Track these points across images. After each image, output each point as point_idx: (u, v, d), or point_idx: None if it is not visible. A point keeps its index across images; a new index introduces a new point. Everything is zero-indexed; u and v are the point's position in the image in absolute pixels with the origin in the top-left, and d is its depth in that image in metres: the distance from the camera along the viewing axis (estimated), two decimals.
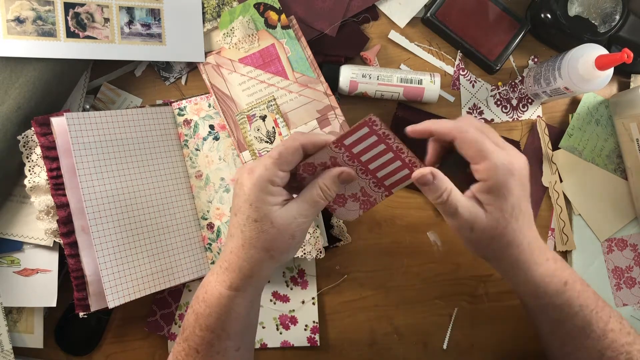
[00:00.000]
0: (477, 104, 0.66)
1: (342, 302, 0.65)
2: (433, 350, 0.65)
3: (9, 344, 0.59)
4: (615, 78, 0.67)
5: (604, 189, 0.66)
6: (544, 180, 0.66)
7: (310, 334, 0.64)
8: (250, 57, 0.61)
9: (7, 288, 0.58)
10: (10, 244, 0.59)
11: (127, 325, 0.64)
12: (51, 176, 0.54)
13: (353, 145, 0.44)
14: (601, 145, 0.66)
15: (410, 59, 0.66)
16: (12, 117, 0.54)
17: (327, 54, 0.64)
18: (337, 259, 0.65)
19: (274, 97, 0.61)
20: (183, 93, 0.64)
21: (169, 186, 0.61)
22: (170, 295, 0.64)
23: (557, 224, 0.66)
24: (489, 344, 0.66)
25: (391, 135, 0.43)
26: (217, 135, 0.62)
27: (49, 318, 0.62)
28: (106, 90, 0.63)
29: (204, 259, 0.62)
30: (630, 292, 0.66)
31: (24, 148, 0.56)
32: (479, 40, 0.65)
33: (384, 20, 0.66)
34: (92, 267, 0.55)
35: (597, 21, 0.62)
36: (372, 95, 0.62)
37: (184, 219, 0.61)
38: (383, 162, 0.46)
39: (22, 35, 0.55)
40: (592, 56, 0.56)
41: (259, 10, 0.61)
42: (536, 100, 0.67)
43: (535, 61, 0.67)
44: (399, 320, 0.66)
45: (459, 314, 0.66)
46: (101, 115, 0.57)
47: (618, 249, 0.66)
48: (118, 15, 0.59)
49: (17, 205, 0.59)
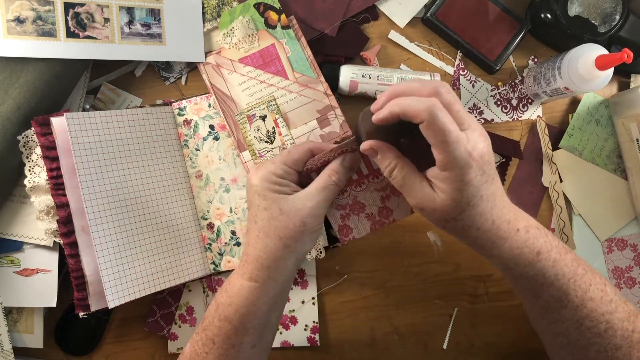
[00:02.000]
0: (477, 104, 0.66)
1: (342, 302, 0.65)
2: (433, 350, 0.65)
3: (9, 344, 0.59)
4: (615, 78, 0.67)
5: (604, 189, 0.66)
6: (544, 180, 0.66)
7: (310, 334, 0.64)
8: (250, 57, 0.61)
9: (7, 288, 0.58)
10: (10, 244, 0.59)
11: (127, 325, 0.64)
12: (51, 176, 0.54)
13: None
14: (601, 145, 0.66)
15: (410, 59, 0.66)
16: (12, 117, 0.54)
17: (327, 54, 0.64)
18: (337, 259, 0.65)
19: (274, 97, 0.61)
20: (183, 93, 0.64)
21: (169, 186, 0.61)
22: (170, 295, 0.64)
23: (557, 224, 0.66)
24: (489, 344, 0.66)
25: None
26: (217, 135, 0.62)
27: (49, 318, 0.62)
28: (106, 90, 0.63)
29: (204, 259, 0.62)
30: (630, 292, 0.66)
31: (24, 148, 0.56)
32: (479, 40, 0.65)
33: (384, 20, 0.66)
34: (92, 267, 0.55)
35: (597, 21, 0.62)
36: (372, 95, 0.62)
37: (184, 219, 0.61)
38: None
39: (22, 35, 0.55)
40: (592, 56, 0.56)
41: (259, 10, 0.61)
42: (536, 100, 0.67)
43: (535, 61, 0.67)
44: (399, 320, 0.66)
45: (459, 314, 0.66)
46: (101, 115, 0.57)
47: (618, 249, 0.66)
48: (118, 15, 0.59)
49: (17, 205, 0.59)
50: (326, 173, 0.47)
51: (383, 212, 0.50)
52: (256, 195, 0.46)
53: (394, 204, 0.49)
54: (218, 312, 0.47)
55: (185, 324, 0.63)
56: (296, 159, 0.48)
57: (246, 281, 0.46)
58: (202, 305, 0.64)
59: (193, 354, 0.48)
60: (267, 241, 0.46)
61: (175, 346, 0.63)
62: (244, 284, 0.46)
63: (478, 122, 0.41)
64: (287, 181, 0.47)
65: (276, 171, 0.47)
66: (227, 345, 0.46)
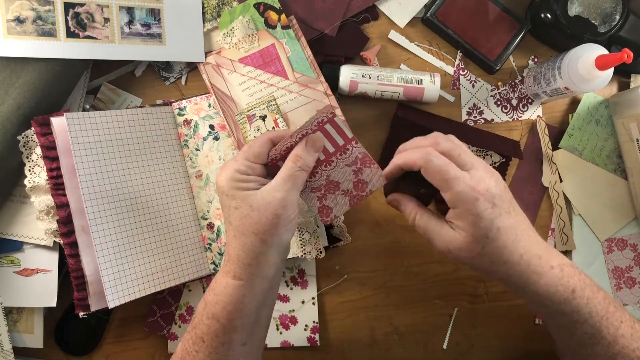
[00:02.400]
0: (477, 104, 0.66)
1: (342, 302, 0.65)
2: (433, 350, 0.65)
3: (9, 344, 0.59)
4: (615, 78, 0.67)
5: (604, 189, 0.66)
6: (544, 180, 0.66)
7: (310, 334, 0.64)
8: (250, 57, 0.61)
9: (7, 288, 0.58)
10: (10, 244, 0.59)
11: (127, 325, 0.64)
12: (51, 176, 0.54)
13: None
14: (601, 145, 0.66)
15: (410, 59, 0.66)
16: (12, 117, 0.54)
17: (327, 54, 0.64)
18: (337, 259, 0.65)
19: (274, 97, 0.61)
20: (183, 93, 0.64)
21: (169, 186, 0.61)
22: (170, 295, 0.64)
23: (557, 224, 0.66)
24: (489, 344, 0.66)
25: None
26: (217, 135, 0.62)
27: (49, 318, 0.62)
28: (106, 90, 0.63)
29: (204, 259, 0.62)
30: (630, 292, 0.66)
31: (24, 148, 0.56)
32: (479, 40, 0.65)
33: (384, 20, 0.66)
34: (92, 267, 0.55)
35: (597, 21, 0.62)
36: (372, 95, 0.62)
37: (184, 219, 0.61)
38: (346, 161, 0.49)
39: (22, 35, 0.55)
40: (592, 56, 0.56)
41: (259, 10, 0.61)
42: (536, 100, 0.67)
43: (535, 61, 0.67)
44: (399, 320, 0.65)
45: (459, 314, 0.66)
46: (101, 115, 0.57)
47: (618, 249, 0.66)
48: (118, 15, 0.59)
49: (17, 205, 0.59)
50: (290, 160, 0.46)
51: (358, 185, 0.49)
52: (224, 195, 0.46)
53: (367, 176, 0.49)
54: (206, 311, 0.47)
55: (185, 324, 0.63)
56: (257, 152, 0.47)
57: (230, 279, 0.46)
58: None
59: (184, 352, 0.48)
60: (244, 239, 0.45)
61: (175, 346, 0.63)
62: (229, 282, 0.46)
63: (484, 162, 0.45)
64: (253, 176, 0.47)
65: (239, 168, 0.46)
66: (217, 343, 0.46)
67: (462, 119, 0.66)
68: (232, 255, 0.47)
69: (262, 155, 0.47)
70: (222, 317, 0.46)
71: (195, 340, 0.47)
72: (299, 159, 0.46)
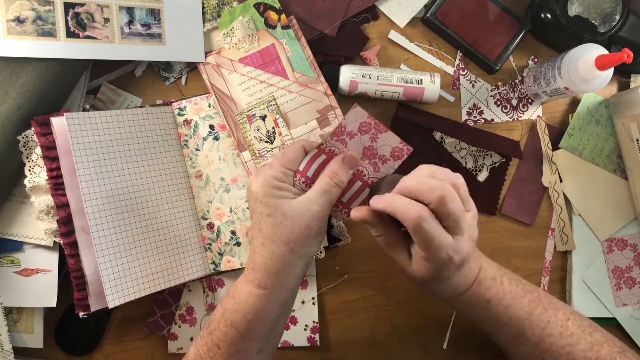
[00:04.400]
0: (477, 104, 0.66)
1: (342, 302, 0.65)
2: (433, 350, 0.65)
3: (9, 344, 0.59)
4: (615, 78, 0.67)
5: (604, 189, 0.66)
6: (544, 180, 0.66)
7: (310, 334, 0.64)
8: (250, 57, 0.61)
9: (7, 288, 0.58)
10: (10, 244, 0.59)
11: (127, 325, 0.64)
12: (51, 176, 0.54)
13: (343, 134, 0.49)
14: (601, 145, 0.66)
15: (410, 59, 0.66)
16: (12, 117, 0.54)
17: (327, 54, 0.64)
18: (337, 259, 0.65)
19: (274, 97, 0.61)
20: (183, 93, 0.64)
21: (169, 186, 0.61)
22: (170, 295, 0.64)
23: (557, 224, 0.66)
24: (489, 344, 0.66)
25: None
26: (217, 135, 0.62)
27: (49, 318, 0.62)
28: (106, 90, 0.63)
29: (204, 259, 0.62)
30: (631, 292, 0.66)
31: (24, 148, 0.56)
32: (479, 40, 0.65)
33: (384, 20, 0.66)
34: (92, 267, 0.55)
35: (597, 21, 0.62)
36: (372, 95, 0.62)
37: (184, 219, 0.61)
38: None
39: (22, 35, 0.55)
40: (592, 56, 0.56)
41: (259, 10, 0.61)
42: (536, 100, 0.67)
43: (535, 61, 0.67)
44: (399, 320, 0.65)
45: (459, 314, 0.66)
46: (101, 115, 0.57)
47: (618, 249, 0.66)
48: (118, 15, 0.59)
49: (17, 205, 0.59)
50: (327, 175, 0.47)
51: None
52: (258, 202, 0.46)
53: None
54: (224, 318, 0.47)
55: (185, 324, 0.63)
56: (292, 158, 0.47)
57: (254, 288, 0.46)
58: (202, 305, 0.64)
59: (197, 357, 0.48)
60: (273, 247, 0.45)
61: (175, 346, 0.63)
62: (252, 290, 0.46)
63: (473, 223, 0.45)
64: (287, 184, 0.47)
65: (276, 174, 0.46)
66: (232, 351, 0.46)
67: (462, 119, 0.66)
68: (258, 263, 0.46)
69: (297, 162, 0.48)
70: (241, 326, 0.46)
71: (211, 346, 0.47)
72: (335, 175, 0.46)
